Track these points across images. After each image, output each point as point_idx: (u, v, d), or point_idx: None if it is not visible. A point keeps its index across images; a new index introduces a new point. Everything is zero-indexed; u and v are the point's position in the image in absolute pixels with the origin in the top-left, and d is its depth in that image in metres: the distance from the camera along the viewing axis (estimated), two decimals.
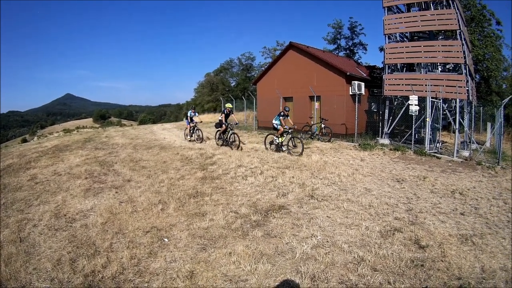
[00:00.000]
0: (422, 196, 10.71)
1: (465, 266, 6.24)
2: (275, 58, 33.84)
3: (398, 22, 22.77)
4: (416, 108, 19.10)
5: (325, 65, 26.96)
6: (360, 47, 51.20)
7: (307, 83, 27.20)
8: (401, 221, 8.32)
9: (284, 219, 8.21)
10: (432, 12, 21.36)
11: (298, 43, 30.27)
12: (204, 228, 7.67)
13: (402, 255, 6.48)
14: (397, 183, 12.29)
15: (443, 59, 21.00)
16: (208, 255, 6.38)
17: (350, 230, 7.64)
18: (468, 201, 10.65)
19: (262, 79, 34.11)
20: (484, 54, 31.52)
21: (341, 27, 50.34)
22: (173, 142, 22.36)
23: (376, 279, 5.64)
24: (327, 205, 9.23)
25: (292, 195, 10.10)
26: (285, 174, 12.60)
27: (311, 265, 5.99)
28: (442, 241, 7.23)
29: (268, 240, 7.02)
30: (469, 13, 32.26)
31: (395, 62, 22.79)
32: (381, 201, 9.77)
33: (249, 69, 73.37)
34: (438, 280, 5.72)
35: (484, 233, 7.96)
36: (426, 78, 20.68)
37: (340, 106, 24.68)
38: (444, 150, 20.18)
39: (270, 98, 30.83)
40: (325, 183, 11.66)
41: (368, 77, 28.25)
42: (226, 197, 10.02)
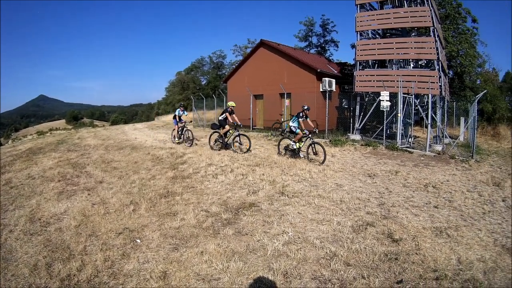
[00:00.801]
0: (395, 191, 10.83)
1: (440, 258, 6.26)
2: (246, 56, 34.10)
3: (371, 19, 23.02)
4: (387, 104, 19.31)
5: (296, 62, 27.17)
6: (332, 44, 51.95)
7: (278, 80, 27.38)
8: (374, 215, 8.37)
9: (255, 216, 8.17)
10: (405, 9, 21.66)
11: (269, 40, 30.46)
12: (176, 228, 7.62)
13: (375, 249, 6.48)
14: (368, 178, 12.40)
15: (415, 55, 21.27)
16: (180, 254, 6.34)
17: (321, 225, 7.64)
18: (441, 194, 10.77)
19: (233, 77, 34.15)
20: (458, 51, 32.28)
21: (313, 25, 50.88)
22: (144, 142, 22.16)
23: (349, 274, 5.63)
24: (298, 202, 9.24)
25: (262, 192, 10.08)
26: (256, 172, 12.59)
27: (283, 262, 5.97)
28: (416, 234, 7.27)
29: (239, 238, 6.99)
30: (444, 11, 32.97)
31: (366, 59, 23.07)
32: (353, 196, 9.86)
33: (220, 67, 73.62)
34: (413, 273, 5.72)
35: (459, 225, 8.04)
36: (398, 74, 20.88)
37: (311, 103, 24.46)
38: (417, 145, 20.51)
39: (241, 96, 30.75)
40: (296, 179, 11.69)
41: (339, 73, 28.57)
42: (196, 196, 9.96)
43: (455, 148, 18.77)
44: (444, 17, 32.85)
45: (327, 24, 50.66)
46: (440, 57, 20.61)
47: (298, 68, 26.94)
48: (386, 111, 19.58)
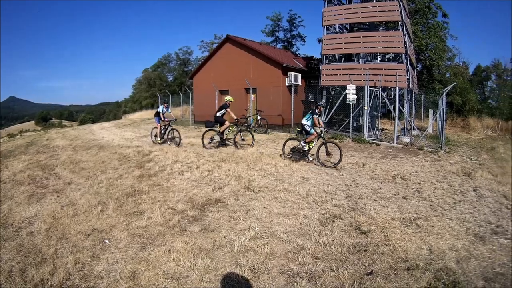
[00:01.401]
0: (362, 183, 10.92)
1: (411, 249, 6.30)
2: (212, 52, 33.94)
3: (338, 13, 23.20)
4: (354, 97, 19.48)
5: (262, 57, 27.21)
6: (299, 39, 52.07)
7: (243, 75, 27.33)
8: (341, 208, 8.42)
9: (221, 212, 8.15)
10: (374, 4, 21.90)
11: (235, 36, 30.43)
12: (143, 227, 7.54)
13: (343, 242, 6.51)
14: (335, 171, 12.48)
15: (383, 49, 21.61)
16: (148, 254, 6.29)
17: (288, 219, 7.65)
18: (410, 185, 10.90)
19: (199, 73, 34.04)
20: (427, 45, 32.68)
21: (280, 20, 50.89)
22: (111, 141, 21.98)
23: (318, 267, 5.62)
24: (263, 196, 9.24)
25: (228, 188, 10.06)
26: (221, 168, 12.54)
27: (251, 257, 5.95)
28: (385, 226, 7.31)
29: (206, 235, 6.95)
30: (414, 6, 33.37)
31: (333, 53, 23.33)
32: (319, 189, 9.92)
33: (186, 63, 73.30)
34: (384, 264, 5.76)
35: (429, 216, 8.12)
36: (364, 68, 21.08)
37: (276, 97, 24.98)
38: (384, 137, 20.81)
39: (207, 92, 30.79)
40: (262, 174, 11.69)
41: (305, 68, 28.74)
42: (163, 194, 9.90)
43: (424, 139, 19.04)
44: (414, 12, 33.33)
45: (294, 19, 50.81)
46: (408, 51, 20.88)
47: (264, 63, 26.99)
48: (352, 104, 19.76)
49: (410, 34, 25.18)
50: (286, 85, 25.03)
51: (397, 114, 19.47)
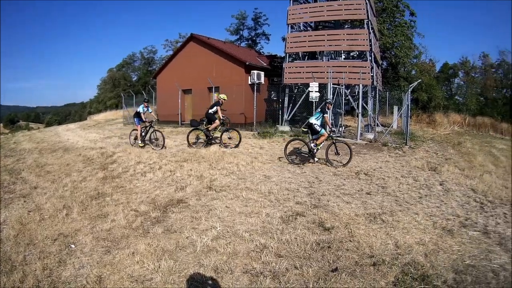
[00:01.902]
0: (325, 179, 10.98)
1: (376, 244, 6.31)
2: (176, 50, 33.87)
3: (303, 12, 23.23)
4: (317, 94, 19.59)
5: (225, 56, 27.22)
6: (263, 37, 52.25)
7: (207, 74, 27.24)
8: (303, 205, 8.46)
9: (183, 213, 8.10)
10: (340, 2, 22.09)
11: (199, 34, 30.29)
12: (107, 230, 7.47)
13: (306, 239, 6.52)
14: (297, 168, 12.48)
15: (347, 47, 21.85)
16: (113, 257, 6.22)
17: (250, 218, 7.65)
18: (374, 181, 11.01)
19: (162, 72, 33.92)
20: (393, 43, 33.43)
21: (245, 18, 50.97)
22: (76, 143, 21.57)
23: (281, 265, 5.61)
24: (225, 195, 9.23)
25: (190, 188, 10.01)
26: (183, 168, 12.47)
27: (213, 257, 5.91)
28: (349, 222, 7.33)
29: (168, 236, 6.90)
30: (381, 4, 33.99)
31: (296, 51, 23.40)
32: (281, 187, 9.94)
33: (150, 62, 72.54)
34: (349, 260, 5.77)
35: (394, 211, 8.18)
36: (328, 66, 21.19)
37: (239, 96, 24.88)
38: (348, 134, 21.03)
39: (170, 92, 30.57)
40: (224, 173, 11.69)
41: (269, 66, 28.77)
42: (126, 195, 9.82)
43: (388, 136, 19.26)
44: (381, 10, 33.95)
45: (259, 17, 50.99)
46: (373, 49, 21.19)
47: (227, 62, 27.02)
48: (315, 101, 19.86)
49: (376, 32, 25.53)
50: (249, 83, 25.00)
51: (361, 111, 19.65)
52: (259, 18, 50.72)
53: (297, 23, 23.92)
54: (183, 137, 19.31)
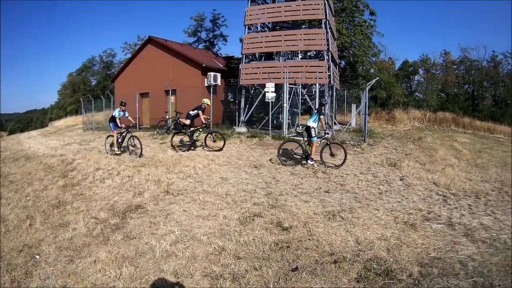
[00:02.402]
0: (282, 179, 11.02)
1: (336, 242, 6.39)
2: (134, 53, 33.66)
3: (261, 12, 23.34)
4: (273, 95, 19.61)
5: (182, 58, 27.21)
6: (221, 39, 52.10)
7: (164, 77, 27.08)
8: (261, 206, 8.51)
9: (142, 218, 8.07)
10: (298, 3, 22.21)
11: (157, 37, 30.15)
12: (69, 239, 7.36)
13: (265, 240, 6.54)
14: (254, 169, 12.54)
15: (304, 47, 22.02)
16: (76, 266, 6.16)
17: (207, 221, 7.65)
18: (332, 179, 11.11)
19: (120, 76, 33.67)
20: (351, 42, 33.74)
21: (203, 20, 50.58)
22: (37, 151, 21.11)
23: (240, 267, 5.62)
24: (183, 199, 9.19)
25: (148, 193, 9.91)
26: (141, 172, 12.36)
27: (173, 262, 5.92)
28: (307, 220, 7.39)
29: (128, 243, 6.86)
30: (341, 4, 34.25)
31: (253, 52, 23.47)
32: (238, 189, 9.98)
33: (109, 66, 71.23)
34: (309, 259, 5.79)
35: (353, 207, 8.28)
36: (284, 66, 21.27)
37: (196, 98, 24.50)
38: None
39: (128, 95, 29.64)
40: (181, 177, 11.64)
41: (225, 67, 28.82)
42: (86, 203, 9.71)
43: (346, 133, 19.56)
44: (340, 10, 34.25)
45: (217, 18, 50.81)
46: (330, 48, 21.36)
47: (184, 64, 27.00)
48: (272, 102, 19.87)
49: (334, 32, 25.84)
50: (206, 85, 25.03)
51: None
52: (217, 20, 50.58)
53: (254, 24, 23.99)
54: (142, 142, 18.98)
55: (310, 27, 25.88)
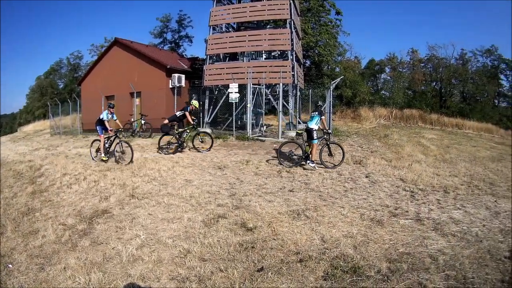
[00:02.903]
0: (246, 180, 11.08)
1: (301, 241, 6.45)
2: (100, 55, 33.11)
3: (226, 13, 23.35)
4: (236, 95, 19.68)
5: (147, 59, 27.00)
6: (186, 40, 52.12)
7: (129, 79, 26.74)
8: (225, 207, 8.54)
9: (108, 223, 8.01)
10: (263, 3, 22.31)
11: (123, 38, 29.75)
12: (39, 247, 7.26)
13: (229, 241, 6.57)
14: (218, 170, 12.55)
15: (269, 47, 22.13)
16: (47, 274, 6.07)
17: (172, 224, 7.65)
18: (296, 178, 11.19)
19: (87, 79, 33.07)
20: (317, 41, 34.09)
21: (169, 21, 50.51)
22: (6, 157, 20.57)
23: (206, 269, 5.64)
24: (148, 203, 9.15)
25: (113, 197, 9.82)
26: (107, 177, 12.22)
27: (140, 266, 5.91)
28: (271, 220, 7.46)
29: (96, 248, 6.81)
30: (307, 4, 34.53)
31: (217, 53, 23.47)
32: (202, 190, 10.00)
33: (76, 69, 69.70)
34: (274, 259, 5.83)
35: (318, 206, 8.35)
36: (248, 66, 21.32)
37: (160, 100, 24.67)
38: (270, 133, 21.33)
39: (94, 98, 29.49)
40: (146, 180, 11.56)
41: (190, 69, 28.72)
42: (54, 209, 9.54)
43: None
44: (307, 10, 34.52)
45: (183, 19, 50.78)
46: (294, 48, 21.49)
47: (149, 66, 26.78)
48: (235, 102, 19.97)
49: (299, 32, 25.97)
50: (170, 87, 24.92)
51: (281, 109, 19.87)
52: (183, 20, 50.63)
53: (219, 24, 23.97)
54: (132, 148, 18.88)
55: (275, 27, 26.04)
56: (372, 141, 18.04)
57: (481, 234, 6.86)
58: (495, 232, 7.05)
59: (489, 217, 7.96)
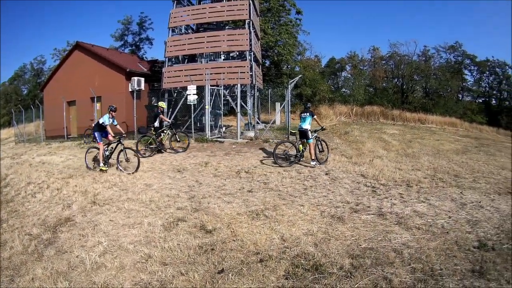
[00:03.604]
0: (205, 182, 11.08)
1: (261, 241, 6.50)
2: (62, 60, 32.50)
3: (186, 14, 23.43)
4: (195, 97, 19.63)
5: (107, 63, 26.78)
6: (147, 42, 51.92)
7: (90, 84, 26.27)
8: (184, 210, 8.53)
9: (72, 231, 7.89)
10: (223, 4, 22.52)
11: (84, 42, 29.41)
12: (8, 258, 7.15)
13: (189, 244, 6.58)
14: (178, 173, 12.49)
15: (228, 47, 22.26)
16: (16, 286, 6.01)
17: (133, 229, 7.59)
18: (255, 178, 11.24)
19: (49, 84, 32.43)
20: (276, 41, 34.35)
21: (130, 23, 50.20)
22: None
23: (167, 273, 5.63)
24: (109, 209, 9.05)
25: (76, 205, 9.69)
26: (69, 184, 12.01)
27: (103, 274, 5.86)
28: (231, 221, 7.52)
29: (61, 257, 6.71)
30: (267, 4, 34.80)
31: (176, 55, 23.59)
32: (162, 194, 9.92)
33: (39, 74, 68.59)
34: (234, 260, 5.87)
35: (277, 205, 8.42)
36: (206, 68, 21.38)
37: (121, 104, 23.99)
38: (229, 134, 21.37)
39: (56, 104, 28.85)
40: (106, 186, 11.36)
41: (149, 71, 28.62)
42: (20, 220, 9.42)
43: (269, 132, 19.97)
44: (267, 10, 34.78)
45: (144, 21, 50.62)
46: (253, 48, 21.70)
47: (109, 69, 26.57)
48: (194, 104, 19.92)
49: (258, 32, 26.16)
50: (130, 90, 24.61)
51: (240, 110, 19.99)
52: (144, 23, 50.40)
53: (179, 26, 24.03)
54: (69, 152, 18.59)
55: (235, 28, 26.18)
56: (332, 139, 18.21)
57: (447, 225, 7.01)
58: (462, 223, 7.22)
59: (455, 209, 8.16)
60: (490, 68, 55.05)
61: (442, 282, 5.11)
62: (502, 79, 53.99)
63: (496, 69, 54.77)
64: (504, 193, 9.93)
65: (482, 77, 56.37)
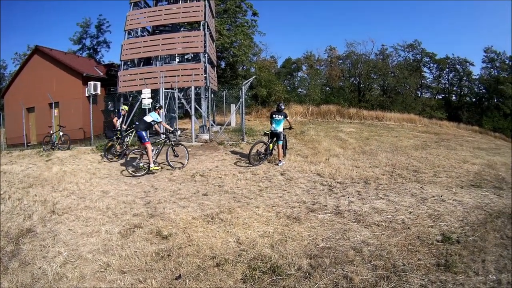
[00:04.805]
0: (160, 187, 11.00)
1: (217, 245, 6.53)
2: (22, 65, 31.74)
3: (142, 17, 23.23)
4: (149, 101, 19.44)
5: (64, 68, 26.28)
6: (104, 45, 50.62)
7: (48, 89, 25.60)
8: (140, 216, 8.45)
9: (33, 242, 7.71)
10: (178, 5, 22.52)
11: (43, 46, 28.70)
12: None
13: (146, 251, 6.52)
14: (133, 179, 12.32)
15: (182, 50, 22.31)
16: None
17: (91, 238, 7.45)
18: (210, 181, 11.24)
19: (9, 90, 31.57)
20: (231, 42, 34.34)
21: (88, 26, 48.77)
22: None
23: (126, 282, 5.57)
24: (67, 218, 8.85)
25: (36, 215, 9.48)
26: (29, 194, 11.70)
27: (64, 284, 5.75)
28: (186, 226, 7.54)
29: (24, 269, 6.56)
30: (224, 6, 34.86)
31: (132, 58, 23.27)
32: (118, 201, 9.77)
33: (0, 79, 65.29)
34: (191, 265, 5.85)
35: (232, 208, 8.49)
36: (161, 71, 21.28)
37: (77, 110, 24.10)
38: (184, 137, 21.22)
39: (16, 111, 27.88)
40: (65, 194, 11.08)
41: (106, 75, 28.34)
42: None
43: (224, 134, 20.02)
44: (223, 11, 34.76)
45: (102, 24, 49.30)
46: (208, 50, 21.75)
47: (66, 74, 26.07)
48: (148, 108, 19.59)
49: (213, 33, 26.14)
50: (86, 95, 23.79)
51: (194, 113, 20.01)
52: (102, 25, 48.99)
53: (135, 28, 23.77)
54: (29, 160, 17.95)
55: (190, 29, 25.96)
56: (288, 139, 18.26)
57: (408, 221, 7.19)
58: (424, 217, 7.44)
59: (415, 204, 8.39)
60: (450, 65, 56.40)
61: (405, 277, 5.22)
62: (463, 76, 55.26)
63: (457, 66, 56.14)
64: (467, 186, 10.26)
65: (442, 74, 57.68)
